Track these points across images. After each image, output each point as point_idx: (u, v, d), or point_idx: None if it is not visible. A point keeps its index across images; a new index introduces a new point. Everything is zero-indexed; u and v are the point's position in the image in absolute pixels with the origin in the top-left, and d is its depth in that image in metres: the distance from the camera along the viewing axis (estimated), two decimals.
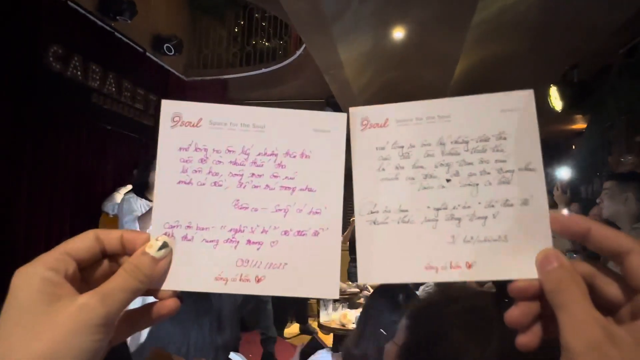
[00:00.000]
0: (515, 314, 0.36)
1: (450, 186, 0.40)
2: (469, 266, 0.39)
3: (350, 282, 5.54)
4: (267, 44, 7.29)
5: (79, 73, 4.61)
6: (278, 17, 6.57)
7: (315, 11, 3.67)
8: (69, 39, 4.48)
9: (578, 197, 3.99)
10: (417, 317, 0.73)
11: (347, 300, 4.35)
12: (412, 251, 0.40)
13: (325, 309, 3.89)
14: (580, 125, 6.73)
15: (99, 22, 4.99)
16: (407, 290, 1.60)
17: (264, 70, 6.87)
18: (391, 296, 1.54)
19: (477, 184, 0.40)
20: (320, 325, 3.91)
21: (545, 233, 0.37)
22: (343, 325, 3.54)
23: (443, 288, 0.69)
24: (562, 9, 4.14)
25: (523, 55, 5.05)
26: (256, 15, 7.37)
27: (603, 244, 0.34)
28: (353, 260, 6.42)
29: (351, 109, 0.43)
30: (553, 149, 7.08)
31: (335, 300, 3.90)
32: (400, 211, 0.41)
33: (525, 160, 0.39)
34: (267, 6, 4.93)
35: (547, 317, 0.35)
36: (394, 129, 0.42)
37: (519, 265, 0.37)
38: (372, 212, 0.41)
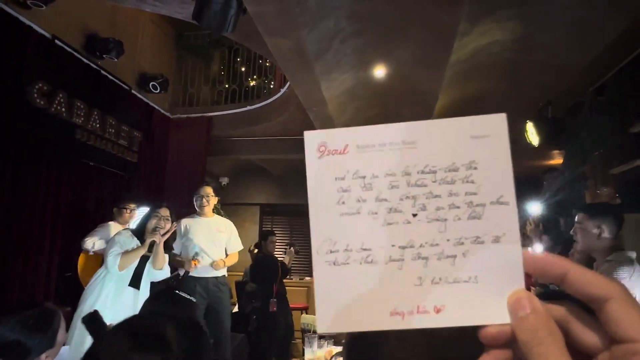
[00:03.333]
0: None
1: (417, 221, 0.37)
2: (438, 311, 0.35)
3: None
4: (252, 82, 7.45)
5: (63, 109, 4.62)
6: (263, 57, 6.74)
7: (299, 50, 3.80)
8: (54, 75, 4.52)
9: (551, 230, 4.07)
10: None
11: (333, 337, 4.27)
12: (376, 295, 0.36)
13: (310, 347, 3.80)
14: (557, 160, 6.93)
15: (85, 60, 5.06)
16: None
17: (248, 107, 6.98)
18: None
19: (446, 219, 0.36)
20: None
21: (517, 273, 0.34)
22: None
23: None
24: (533, 49, 4.35)
25: (499, 93, 5.25)
26: (240, 58, 7.56)
27: (581, 289, 0.32)
28: None
29: (306, 133, 0.39)
30: (529, 183, 7.23)
31: (320, 337, 3.83)
32: (362, 250, 0.37)
33: (497, 193, 0.36)
34: (252, 46, 5.07)
35: None
36: (355, 157, 0.38)
37: (490, 308, 0.34)
38: (331, 252, 0.37)
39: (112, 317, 2.93)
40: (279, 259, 5.75)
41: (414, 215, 0.37)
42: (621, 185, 4.26)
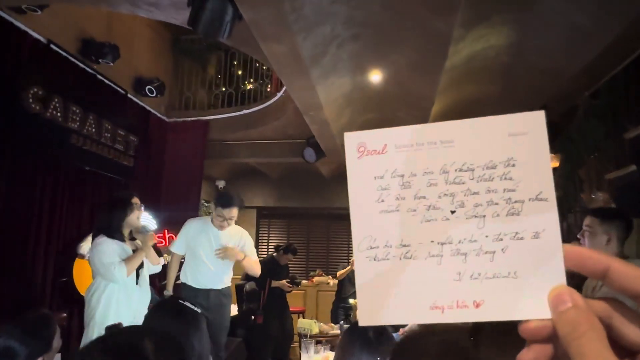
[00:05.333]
0: (529, 357, 0.33)
1: (455, 218, 0.37)
2: (477, 305, 0.36)
3: (332, 324, 5.46)
4: (248, 86, 7.45)
5: (58, 114, 4.61)
6: (259, 61, 6.75)
7: (294, 55, 3.80)
8: (49, 80, 4.51)
9: None
10: (397, 351, 0.74)
11: (329, 342, 4.27)
12: (415, 290, 0.37)
13: (307, 352, 3.80)
14: (553, 164, 6.94)
15: (81, 65, 5.05)
16: (378, 327, 1.57)
17: (245, 111, 6.98)
18: (362, 334, 1.53)
19: (484, 216, 0.37)
20: None
21: (558, 269, 0.34)
22: None
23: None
24: (528, 54, 4.37)
25: (494, 97, 5.26)
26: (236, 61, 7.56)
27: (624, 284, 0.32)
28: (339, 300, 6.36)
29: (346, 134, 0.40)
30: None
31: (317, 342, 3.82)
32: (402, 246, 0.38)
33: (536, 190, 0.36)
34: (248, 51, 5.07)
35: (562, 357, 0.32)
36: (393, 156, 0.39)
37: (530, 304, 0.34)
38: (371, 248, 0.38)
39: (129, 321, 2.88)
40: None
41: (453, 212, 0.37)
42: (616, 190, 4.28)
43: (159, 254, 3.19)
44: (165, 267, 4.51)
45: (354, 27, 3.76)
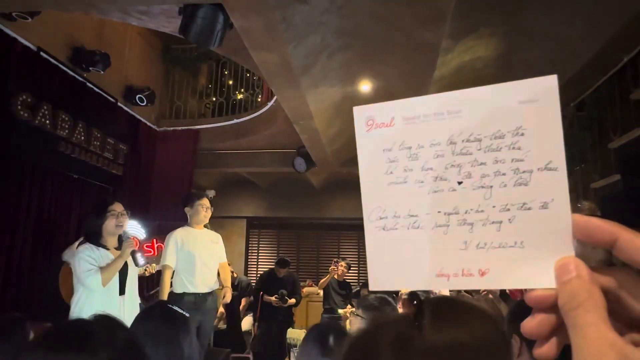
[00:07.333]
0: (532, 325, 0.34)
1: (462, 189, 0.38)
2: (482, 274, 0.37)
3: None
4: (239, 95, 7.47)
5: (47, 122, 4.58)
6: (250, 70, 6.78)
7: (285, 65, 3.83)
8: (39, 87, 4.49)
9: None
10: (347, 353, 0.73)
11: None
12: (423, 258, 0.38)
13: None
14: None
15: (71, 72, 5.04)
16: (337, 331, 1.54)
17: (236, 120, 6.99)
18: (321, 339, 1.50)
19: (491, 186, 0.37)
20: None
21: (566, 239, 0.34)
22: None
23: (374, 317, 0.68)
24: (515, 66, 4.45)
25: None
26: (227, 71, 7.59)
27: (633, 255, 0.31)
28: (326, 311, 6.31)
29: (355, 108, 0.41)
30: None
31: None
32: (409, 216, 0.39)
33: (545, 159, 0.35)
34: (239, 60, 5.10)
35: (565, 327, 0.32)
36: (401, 128, 0.40)
37: (536, 273, 0.34)
38: (381, 218, 0.40)
39: None
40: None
41: (459, 183, 0.38)
42: (601, 199, 4.34)
43: (136, 263, 3.12)
44: (150, 277, 4.48)
45: (344, 37, 3.80)
